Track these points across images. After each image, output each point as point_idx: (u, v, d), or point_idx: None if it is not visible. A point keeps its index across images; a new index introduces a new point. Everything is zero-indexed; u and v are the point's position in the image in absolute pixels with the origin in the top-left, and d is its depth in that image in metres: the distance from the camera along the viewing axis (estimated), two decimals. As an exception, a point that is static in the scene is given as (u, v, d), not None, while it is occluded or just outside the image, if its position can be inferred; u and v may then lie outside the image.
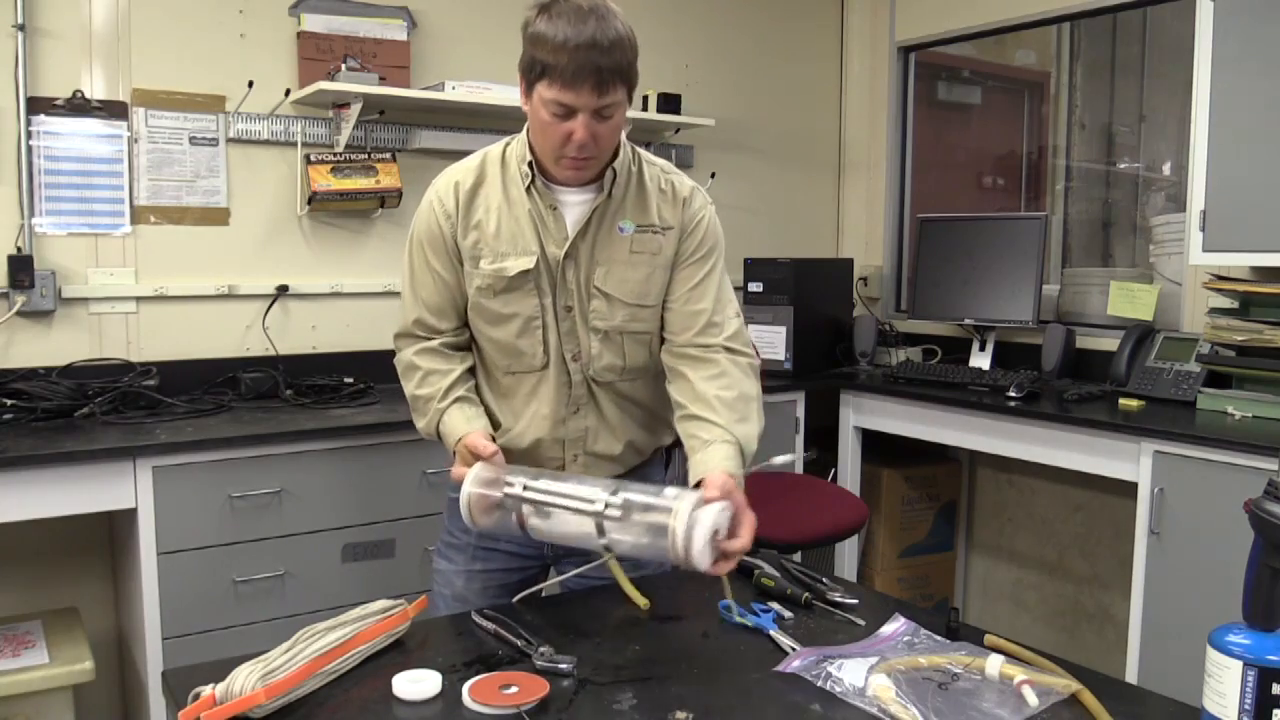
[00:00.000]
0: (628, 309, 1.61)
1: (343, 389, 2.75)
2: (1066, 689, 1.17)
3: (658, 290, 1.63)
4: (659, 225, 1.62)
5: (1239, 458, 2.33)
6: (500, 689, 1.16)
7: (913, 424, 3.24)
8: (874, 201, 4.04)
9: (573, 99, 1.43)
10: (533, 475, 1.42)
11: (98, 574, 2.67)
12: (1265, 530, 1.02)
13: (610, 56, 1.42)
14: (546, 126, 1.48)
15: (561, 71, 1.42)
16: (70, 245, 2.63)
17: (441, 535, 1.80)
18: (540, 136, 1.52)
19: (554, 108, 1.45)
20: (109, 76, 2.65)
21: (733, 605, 1.42)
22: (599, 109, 1.45)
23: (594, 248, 1.59)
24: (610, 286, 1.60)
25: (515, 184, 1.59)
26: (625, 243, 1.60)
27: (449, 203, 1.61)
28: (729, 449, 1.52)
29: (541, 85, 1.45)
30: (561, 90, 1.43)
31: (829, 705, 1.17)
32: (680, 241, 1.64)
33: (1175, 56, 3.33)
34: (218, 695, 1.09)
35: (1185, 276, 3.04)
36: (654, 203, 1.62)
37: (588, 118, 1.45)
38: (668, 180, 1.66)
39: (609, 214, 1.59)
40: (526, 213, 1.58)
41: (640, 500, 1.30)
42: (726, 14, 3.76)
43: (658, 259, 1.62)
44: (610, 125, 1.49)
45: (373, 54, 2.90)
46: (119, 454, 2.15)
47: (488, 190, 1.61)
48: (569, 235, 1.58)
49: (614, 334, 1.62)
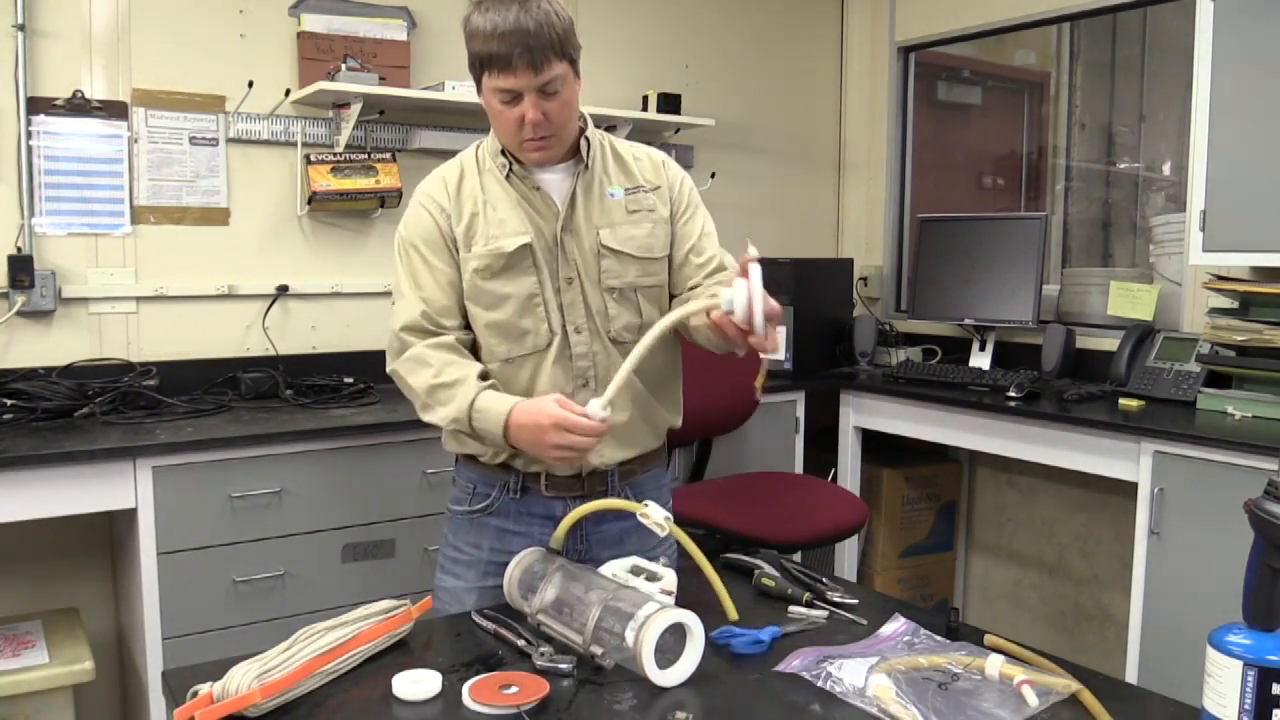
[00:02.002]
0: (638, 263, 1.66)
1: (343, 389, 2.75)
2: (1066, 689, 1.17)
3: (661, 244, 1.69)
4: (645, 185, 1.70)
5: (1239, 458, 2.33)
6: (500, 689, 1.16)
7: (913, 424, 3.24)
8: (874, 201, 4.04)
9: (513, 82, 1.50)
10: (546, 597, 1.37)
11: (98, 574, 2.67)
12: (1265, 530, 1.02)
13: (540, 35, 1.48)
14: (500, 115, 1.55)
15: (497, 59, 1.48)
16: (70, 245, 2.63)
17: (445, 550, 1.75)
18: (499, 127, 1.59)
19: (501, 95, 1.52)
20: (109, 76, 2.65)
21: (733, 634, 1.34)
22: (541, 87, 1.51)
23: (590, 216, 1.64)
24: (618, 244, 1.64)
25: (492, 177, 1.64)
26: (620, 205, 1.66)
27: (440, 197, 1.64)
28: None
29: (486, 77, 1.52)
30: (500, 76, 1.50)
31: (829, 705, 1.17)
32: (671, 201, 1.72)
33: (1175, 56, 3.33)
34: (214, 694, 1.09)
35: (1185, 276, 3.04)
36: (634, 167, 1.71)
37: (534, 97, 1.51)
38: (641, 150, 1.75)
39: (594, 184, 1.65)
40: (512, 201, 1.62)
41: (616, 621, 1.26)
42: (726, 14, 3.76)
43: (654, 215, 1.69)
44: (559, 100, 1.54)
45: (373, 54, 2.90)
46: (119, 454, 2.15)
47: (470, 185, 1.65)
48: (559, 210, 1.62)
49: (628, 291, 1.65)
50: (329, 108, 2.91)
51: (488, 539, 1.69)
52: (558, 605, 1.34)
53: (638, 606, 1.23)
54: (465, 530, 1.71)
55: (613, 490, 1.68)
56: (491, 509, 1.69)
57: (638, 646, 1.19)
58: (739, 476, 3.10)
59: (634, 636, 1.20)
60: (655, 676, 1.20)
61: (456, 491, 1.75)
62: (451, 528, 1.75)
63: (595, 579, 1.36)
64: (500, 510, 1.69)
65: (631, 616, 1.22)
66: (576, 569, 1.40)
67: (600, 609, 1.26)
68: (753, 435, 3.21)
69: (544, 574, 1.40)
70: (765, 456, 3.28)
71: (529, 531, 1.66)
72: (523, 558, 1.46)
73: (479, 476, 1.70)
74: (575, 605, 1.31)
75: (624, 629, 1.22)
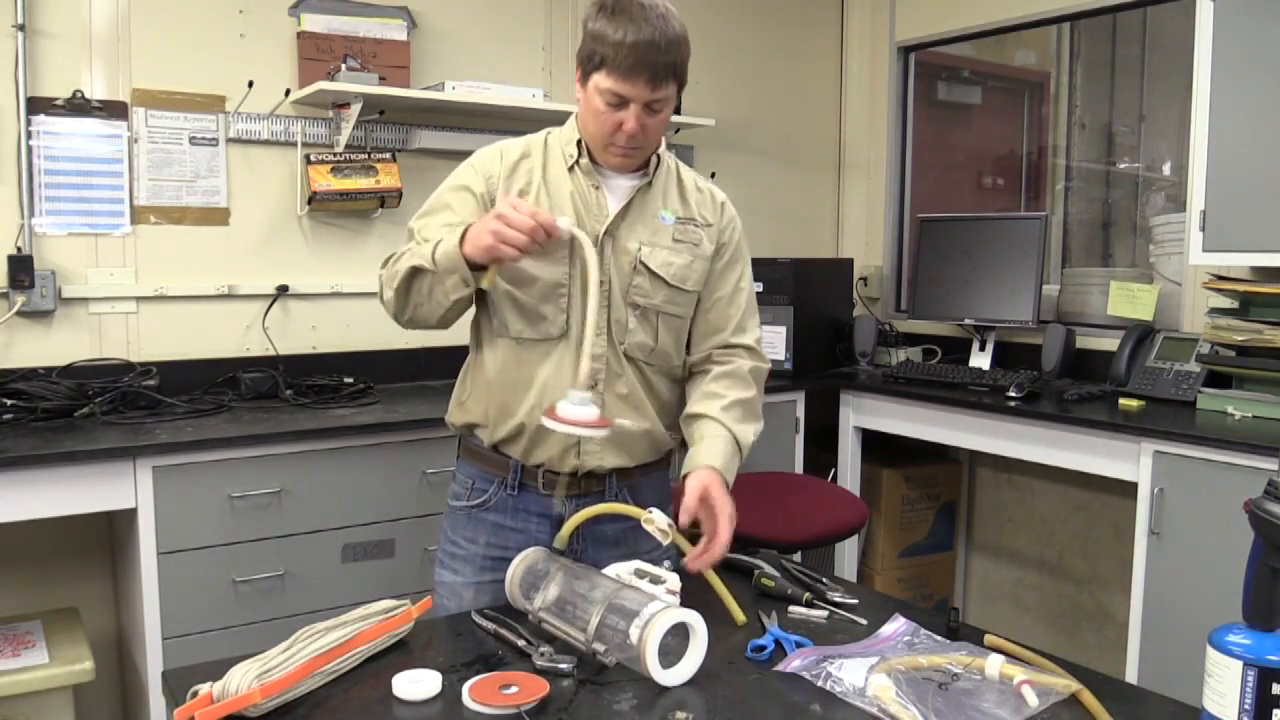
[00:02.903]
0: (668, 290, 1.67)
1: (343, 389, 2.75)
2: (1066, 689, 1.17)
3: (697, 278, 1.70)
4: (699, 220, 1.71)
5: (1239, 458, 2.33)
6: (500, 689, 1.16)
7: (913, 424, 3.24)
8: (874, 201, 4.04)
9: (628, 90, 1.52)
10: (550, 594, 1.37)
11: (98, 574, 2.67)
12: (1265, 530, 1.02)
13: (667, 54, 1.51)
14: (599, 114, 1.56)
15: (620, 64, 1.50)
16: (70, 245, 2.63)
17: (443, 545, 1.77)
18: (592, 123, 1.59)
19: (609, 97, 1.53)
20: (109, 76, 2.65)
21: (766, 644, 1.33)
22: (650, 102, 1.54)
23: (636, 230, 1.65)
24: (655, 265, 1.65)
25: (556, 164, 1.66)
26: (668, 231, 1.68)
27: (492, 166, 1.66)
28: (722, 444, 1.64)
29: (599, 75, 1.53)
30: (618, 81, 1.51)
31: (829, 705, 1.17)
32: (719, 241, 1.74)
33: (1175, 56, 3.33)
34: (214, 694, 1.09)
35: (1185, 276, 3.04)
36: (693, 199, 1.73)
37: (639, 109, 1.54)
38: (704, 184, 1.78)
39: (649, 200, 1.67)
40: (567, 193, 1.63)
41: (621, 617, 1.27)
42: (726, 14, 3.76)
43: (699, 250, 1.70)
44: (659, 119, 1.58)
45: (373, 54, 2.89)
46: (119, 454, 2.15)
47: (531, 164, 1.66)
48: (610, 213, 1.64)
49: (651, 313, 1.66)
50: (329, 108, 2.91)
51: (484, 534, 1.70)
52: (560, 604, 1.34)
53: (642, 605, 1.23)
54: (463, 525, 1.73)
55: (610, 491, 1.68)
56: (489, 504, 1.70)
57: (641, 645, 1.19)
58: (739, 476, 3.08)
59: (638, 634, 1.20)
60: (658, 675, 1.20)
61: (456, 487, 1.77)
62: (450, 522, 1.76)
63: (599, 579, 1.36)
64: (497, 506, 1.70)
65: (636, 614, 1.22)
66: (580, 569, 1.40)
67: (604, 607, 1.26)
68: (753, 435, 3.21)
69: (547, 572, 1.40)
70: (765, 456, 3.27)
71: (525, 528, 1.67)
72: (526, 556, 1.46)
73: (478, 472, 1.72)
74: (578, 603, 1.31)
75: (628, 626, 1.22)
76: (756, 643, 1.32)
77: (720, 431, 1.65)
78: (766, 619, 1.41)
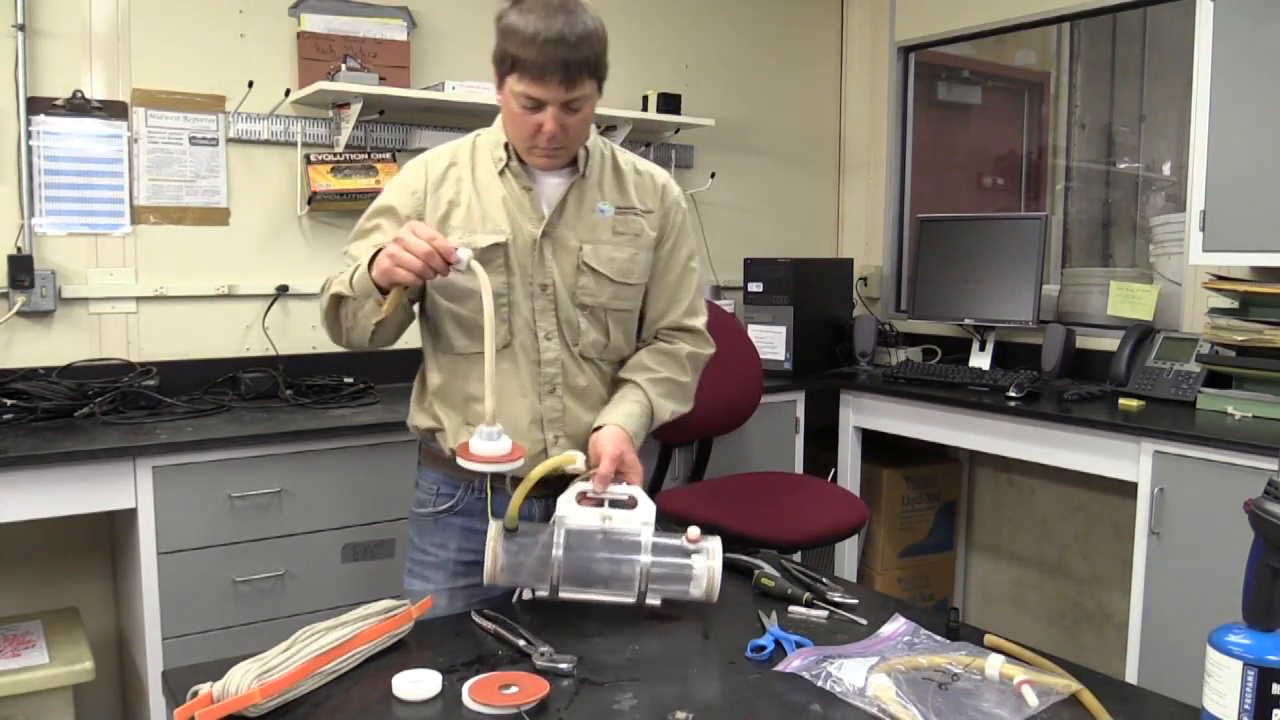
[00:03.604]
0: (614, 286, 1.65)
1: (343, 389, 2.75)
2: (1066, 689, 1.17)
3: (641, 270, 1.68)
4: (639, 208, 1.68)
5: (1239, 458, 2.33)
6: (500, 689, 1.16)
7: (913, 424, 3.24)
8: (874, 201, 4.04)
9: (541, 92, 1.48)
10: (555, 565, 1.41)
11: (98, 574, 2.67)
12: (1265, 530, 1.02)
13: (578, 51, 1.47)
14: (517, 118, 1.53)
15: (530, 66, 1.46)
16: (70, 245, 2.63)
17: (410, 554, 1.74)
18: (512, 127, 1.57)
19: (523, 100, 1.50)
20: (109, 76, 2.65)
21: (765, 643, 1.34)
22: (567, 102, 1.50)
23: (575, 228, 1.62)
24: (598, 263, 1.63)
25: (485, 168, 1.63)
26: (607, 224, 1.65)
27: (416, 181, 1.63)
28: (639, 409, 1.65)
29: (512, 78, 1.50)
30: (530, 84, 1.48)
31: (829, 705, 1.17)
32: (662, 227, 1.71)
33: (1175, 56, 3.33)
34: (214, 694, 1.09)
35: (1185, 276, 3.04)
36: (631, 185, 1.68)
37: (556, 110, 1.50)
38: (644, 165, 1.73)
39: (586, 194, 1.64)
40: (499, 198, 1.60)
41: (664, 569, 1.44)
42: (726, 14, 3.76)
43: (640, 240, 1.67)
44: (579, 117, 1.54)
45: (373, 54, 2.90)
46: (119, 454, 2.15)
47: (459, 172, 1.63)
48: (545, 214, 1.61)
49: (599, 310, 1.65)
50: (329, 108, 2.91)
51: (454, 539, 1.68)
52: (585, 579, 1.41)
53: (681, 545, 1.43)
54: (431, 531, 1.70)
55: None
56: (457, 509, 1.68)
57: (709, 573, 1.41)
58: (739, 476, 3.10)
59: (703, 563, 1.41)
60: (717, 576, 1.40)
61: (420, 494, 1.74)
62: (417, 530, 1.73)
63: (595, 540, 1.43)
64: (466, 510, 1.67)
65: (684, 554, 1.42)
66: (571, 537, 1.43)
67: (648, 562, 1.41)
68: (753, 435, 3.21)
69: (534, 553, 1.40)
70: (765, 456, 3.27)
71: None
72: (495, 555, 1.42)
73: (442, 477, 1.69)
74: (611, 569, 1.41)
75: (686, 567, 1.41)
76: (756, 643, 1.32)
77: (641, 398, 1.65)
78: (766, 619, 1.41)
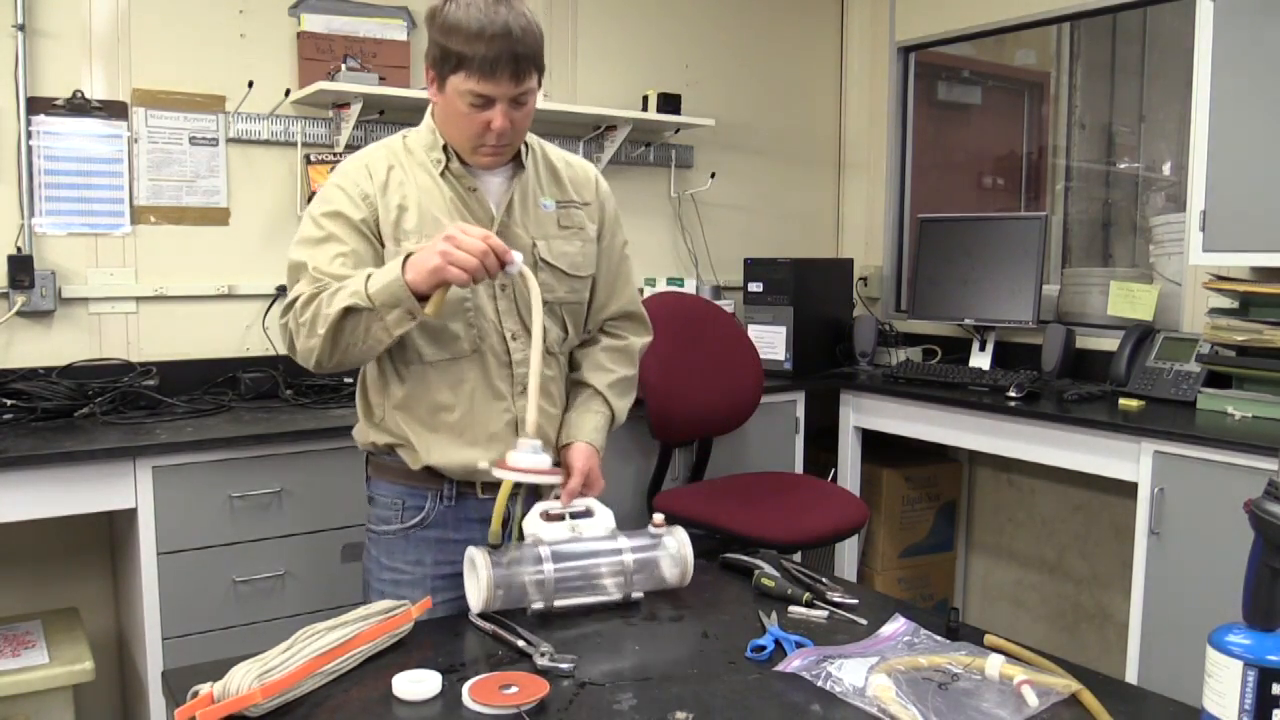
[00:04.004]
0: (569, 280, 1.65)
1: (343, 389, 2.75)
2: (1066, 689, 1.17)
3: (588, 262, 1.68)
4: (577, 200, 1.68)
5: (1239, 458, 2.33)
6: (500, 689, 1.16)
7: (913, 424, 3.24)
8: (874, 201, 4.04)
9: (491, 89, 1.45)
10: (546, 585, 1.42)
11: (98, 574, 2.67)
12: (1265, 530, 1.02)
13: (524, 44, 1.44)
14: (462, 118, 1.49)
15: (480, 62, 1.42)
16: (70, 245, 2.63)
17: (378, 575, 1.65)
18: (455, 127, 1.52)
19: (471, 98, 1.46)
20: (109, 76, 2.65)
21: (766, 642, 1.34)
22: (515, 96, 1.48)
23: (525, 225, 1.61)
24: (553, 258, 1.62)
25: (424, 171, 1.57)
26: (552, 218, 1.64)
27: (364, 185, 1.54)
28: (603, 421, 1.68)
29: (457, 77, 1.46)
30: (480, 81, 1.44)
31: (829, 705, 1.17)
32: (600, 220, 1.71)
33: (1175, 56, 3.33)
34: (215, 694, 1.09)
35: (1185, 276, 3.04)
36: (566, 179, 1.68)
37: (505, 106, 1.47)
38: (573, 159, 1.74)
39: (528, 190, 1.62)
40: (444, 200, 1.56)
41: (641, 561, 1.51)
42: (726, 14, 3.76)
43: (584, 233, 1.68)
44: (525, 111, 1.52)
45: (373, 54, 2.90)
46: (119, 454, 2.15)
47: (400, 175, 1.57)
48: (494, 214, 1.58)
49: (556, 305, 1.63)
50: (329, 108, 2.91)
51: (429, 553, 1.62)
52: (576, 587, 1.44)
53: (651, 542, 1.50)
54: (401, 549, 1.63)
55: (548, 490, 1.59)
56: (428, 521, 1.62)
57: (680, 545, 1.50)
58: (739, 476, 3.10)
59: (673, 543, 1.49)
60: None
61: (379, 511, 1.66)
62: (383, 549, 1.64)
63: (579, 547, 1.48)
64: (437, 521, 1.62)
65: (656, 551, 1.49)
66: (556, 553, 1.45)
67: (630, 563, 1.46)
68: (753, 435, 3.21)
69: (523, 576, 1.41)
70: (765, 456, 3.27)
71: (471, 537, 1.56)
72: (489, 588, 1.39)
73: (405, 490, 1.62)
74: (593, 574, 1.45)
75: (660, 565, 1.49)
76: (756, 643, 1.32)
77: (603, 408, 1.68)
78: (766, 619, 1.41)
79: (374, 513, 1.67)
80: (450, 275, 1.35)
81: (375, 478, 1.68)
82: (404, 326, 1.41)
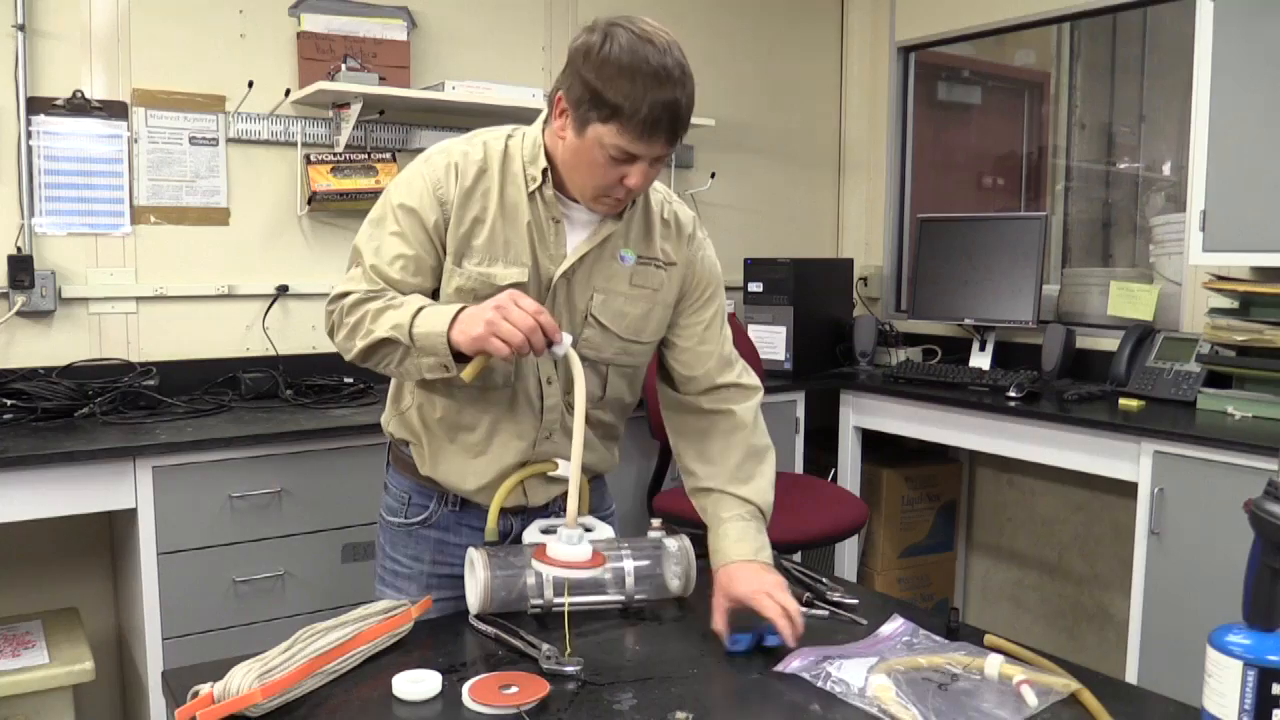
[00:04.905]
0: (621, 343, 1.53)
1: (343, 389, 2.75)
2: (1066, 689, 1.17)
3: (655, 327, 1.55)
4: (662, 260, 1.54)
5: (1239, 458, 2.33)
6: (500, 689, 1.16)
7: (913, 424, 3.24)
8: (874, 201, 4.04)
9: (642, 149, 1.34)
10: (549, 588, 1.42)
11: (98, 574, 2.67)
12: (1265, 530, 1.02)
13: (687, 105, 1.35)
14: (598, 167, 1.37)
15: (641, 121, 1.31)
16: (70, 245, 2.63)
17: (382, 562, 1.66)
18: (582, 174, 1.40)
19: (615, 152, 1.34)
20: (109, 76, 2.65)
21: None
22: (658, 157, 1.38)
23: (591, 274, 1.49)
24: (607, 318, 1.50)
25: (515, 184, 1.46)
26: (626, 274, 1.51)
27: (448, 188, 1.45)
28: (744, 526, 1.51)
29: (606, 128, 1.32)
30: (633, 140, 1.32)
31: (829, 705, 1.17)
32: (685, 280, 1.57)
33: (1175, 56, 3.33)
34: (215, 694, 1.09)
35: (1185, 276, 3.04)
36: (657, 234, 1.54)
37: (646, 165, 1.37)
38: (671, 210, 1.57)
39: (611, 237, 1.49)
40: (524, 224, 1.45)
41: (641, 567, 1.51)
42: (726, 14, 3.76)
43: (659, 295, 1.54)
44: (658, 168, 1.41)
45: (373, 54, 2.90)
46: (119, 454, 2.15)
47: (488, 183, 1.46)
48: (567, 254, 1.47)
49: (600, 364, 1.53)
50: (329, 108, 2.91)
51: (428, 552, 1.61)
52: (576, 587, 1.43)
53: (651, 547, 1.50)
54: (404, 543, 1.63)
55: (553, 506, 1.59)
56: (430, 521, 1.61)
57: (683, 552, 1.49)
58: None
59: (675, 545, 1.49)
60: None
61: (390, 500, 1.66)
62: (388, 538, 1.65)
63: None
64: (439, 523, 1.61)
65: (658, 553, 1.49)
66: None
67: (633, 564, 1.47)
68: (753, 435, 3.21)
69: (522, 578, 1.41)
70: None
71: (472, 543, 1.54)
72: (488, 590, 1.40)
73: (414, 486, 1.61)
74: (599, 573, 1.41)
75: (662, 569, 1.48)
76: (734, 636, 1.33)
77: (753, 513, 1.53)
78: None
79: (385, 500, 1.67)
80: (492, 346, 1.30)
81: (391, 466, 1.67)
82: (436, 375, 1.39)
